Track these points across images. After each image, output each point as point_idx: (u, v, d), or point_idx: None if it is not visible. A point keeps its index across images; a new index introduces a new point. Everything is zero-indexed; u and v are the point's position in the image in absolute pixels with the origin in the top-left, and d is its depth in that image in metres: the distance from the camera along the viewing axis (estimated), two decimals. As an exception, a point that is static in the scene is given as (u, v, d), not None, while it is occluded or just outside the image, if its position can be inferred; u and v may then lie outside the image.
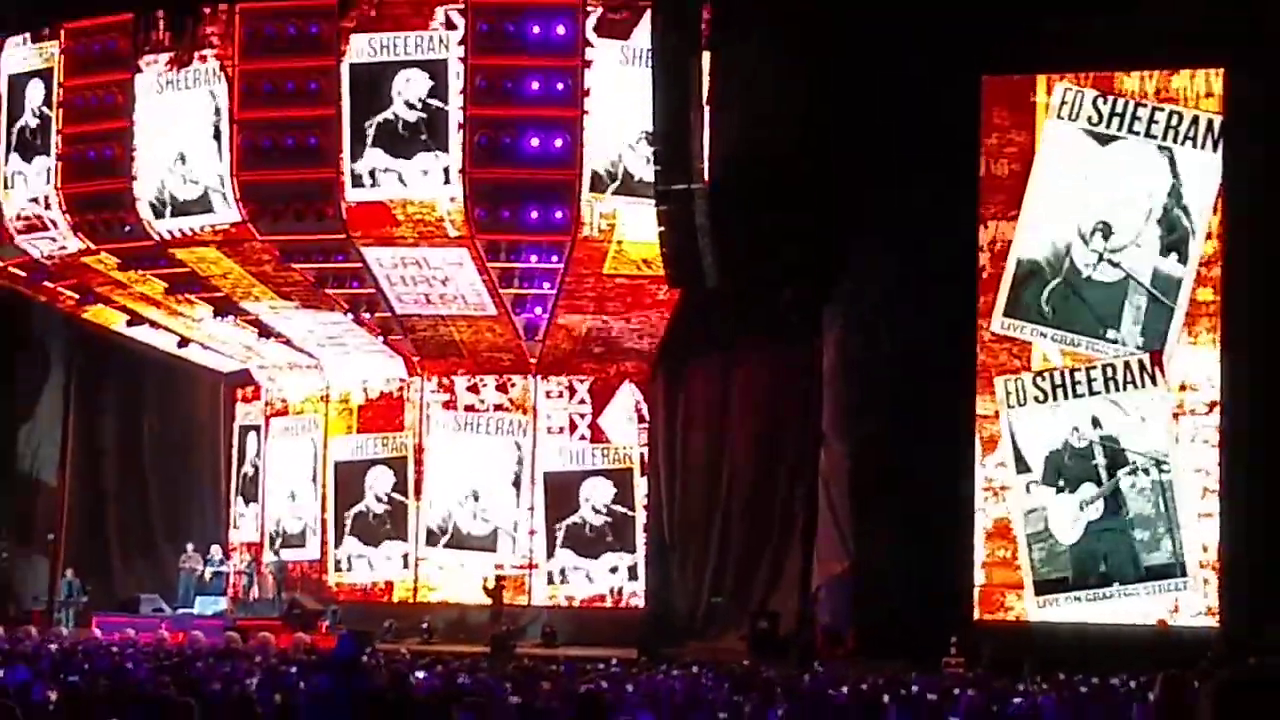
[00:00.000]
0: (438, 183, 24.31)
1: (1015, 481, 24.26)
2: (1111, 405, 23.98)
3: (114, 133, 25.73)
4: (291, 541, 30.02)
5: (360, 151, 24.38)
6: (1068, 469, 24.03)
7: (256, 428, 31.29)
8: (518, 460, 28.63)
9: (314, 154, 24.61)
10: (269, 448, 30.83)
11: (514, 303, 26.70)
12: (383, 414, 29.62)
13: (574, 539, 28.30)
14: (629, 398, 28.70)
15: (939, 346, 24.63)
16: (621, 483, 28.45)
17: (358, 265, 25.80)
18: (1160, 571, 23.59)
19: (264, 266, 26.16)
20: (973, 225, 24.62)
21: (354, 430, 29.81)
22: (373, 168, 24.40)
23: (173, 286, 27.41)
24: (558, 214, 24.57)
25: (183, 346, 30.38)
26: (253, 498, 31.05)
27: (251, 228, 25.07)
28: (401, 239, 25.02)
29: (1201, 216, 23.87)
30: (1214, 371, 23.69)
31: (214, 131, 24.87)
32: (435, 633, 27.13)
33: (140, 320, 29.35)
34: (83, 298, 28.70)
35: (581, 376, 28.74)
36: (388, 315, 27.19)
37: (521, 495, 28.54)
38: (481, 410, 28.97)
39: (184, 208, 25.23)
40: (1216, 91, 23.90)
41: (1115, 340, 24.01)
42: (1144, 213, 24.05)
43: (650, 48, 23.78)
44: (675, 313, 26.83)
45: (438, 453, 29.10)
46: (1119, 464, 23.81)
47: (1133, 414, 23.94)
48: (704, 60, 23.65)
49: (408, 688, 12.52)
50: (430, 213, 24.55)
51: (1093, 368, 24.07)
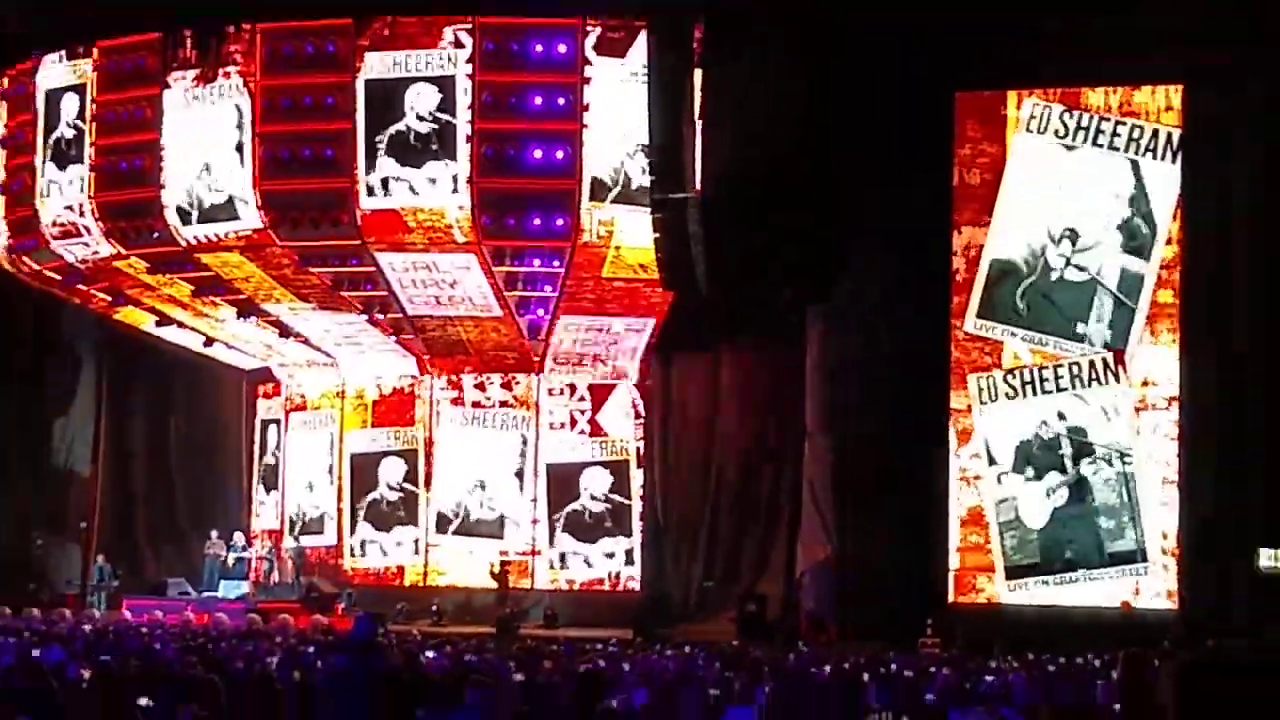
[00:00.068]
0: (446, 191, 24.33)
1: (987, 471, 24.30)
2: (1077, 400, 24.01)
3: (144, 145, 25.76)
4: (310, 529, 30.00)
5: (374, 162, 24.40)
6: (1036, 459, 24.06)
7: (277, 422, 31.26)
8: (521, 453, 28.61)
9: (331, 165, 24.67)
10: (288, 441, 30.81)
11: (518, 304, 26.71)
12: (395, 409, 29.60)
13: (574, 525, 28.29)
14: (626, 395, 28.69)
15: (915, 346, 24.64)
16: (618, 473, 28.43)
17: (372, 269, 25.83)
18: (1123, 557, 23.62)
19: (284, 270, 26.17)
20: (947, 232, 24.62)
21: (368, 424, 29.78)
22: (385, 176, 24.41)
23: (198, 289, 27.43)
24: (559, 221, 24.62)
25: (208, 345, 30.41)
26: (273, 487, 31.03)
27: (272, 234, 25.10)
28: (412, 244, 25.04)
29: (1162, 223, 23.91)
30: (1173, 369, 23.74)
31: (237, 144, 24.88)
32: (444, 615, 27.08)
33: (168, 321, 29.36)
34: (114, 299, 28.72)
35: (582, 376, 28.69)
36: (400, 316, 27.19)
37: (525, 486, 28.52)
38: (488, 406, 28.95)
39: (209, 215, 25.25)
40: (1176, 105, 23.93)
41: (1083, 339, 24.04)
42: (1108, 220, 24.10)
43: (646, 65, 23.81)
44: (669, 314, 26.82)
45: (447, 446, 29.07)
46: (1084, 454, 23.84)
47: (1097, 409, 23.97)
48: (696, 77, 23.70)
49: (419, 667, 12.54)
50: (440, 220, 24.58)
51: (1060, 365, 24.10)
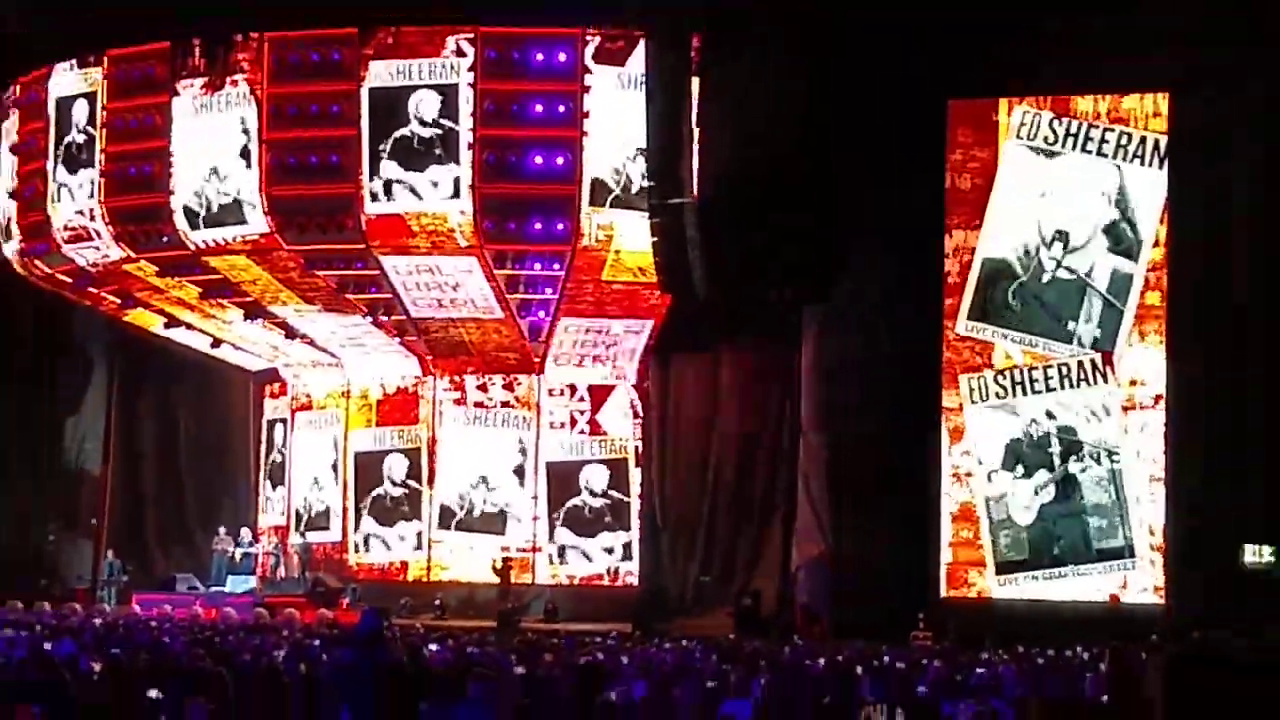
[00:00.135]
0: (449, 196, 24.33)
1: (978, 469, 24.28)
2: (1066, 400, 24.00)
3: (153, 151, 25.77)
4: (315, 525, 30.00)
5: (378, 168, 24.41)
6: (1026, 457, 24.03)
7: (283, 421, 31.27)
8: (522, 452, 28.60)
9: (336, 171, 24.68)
10: (294, 439, 30.81)
11: (519, 307, 26.71)
12: (399, 408, 29.58)
13: (574, 522, 28.28)
14: (625, 395, 28.68)
15: (909, 347, 24.63)
16: (617, 471, 28.43)
17: (376, 272, 25.82)
18: (1111, 553, 23.60)
19: (290, 273, 26.17)
20: (939, 235, 24.62)
21: (372, 423, 29.78)
22: (389, 182, 24.41)
23: (206, 291, 27.43)
24: (559, 225, 24.62)
25: (215, 347, 30.40)
26: (279, 485, 31.04)
27: (279, 238, 25.09)
28: (416, 248, 25.04)
29: (1148, 227, 23.90)
30: (1160, 369, 23.72)
31: (244, 150, 24.88)
32: (447, 609, 27.09)
33: (177, 323, 29.37)
34: (124, 302, 28.70)
35: (582, 376, 28.67)
36: (403, 318, 27.19)
37: (526, 484, 28.51)
38: (489, 406, 28.94)
39: (217, 219, 25.25)
40: (1163, 112, 23.91)
41: (1072, 340, 24.03)
42: (1096, 223, 24.07)
43: (644, 73, 23.82)
44: (667, 316, 26.81)
45: (449, 444, 29.06)
46: (1073, 452, 23.83)
47: (1085, 409, 23.96)
48: (694, 85, 23.69)
49: (422, 660, 12.51)
50: (442, 224, 24.58)
51: (1049, 366, 24.08)
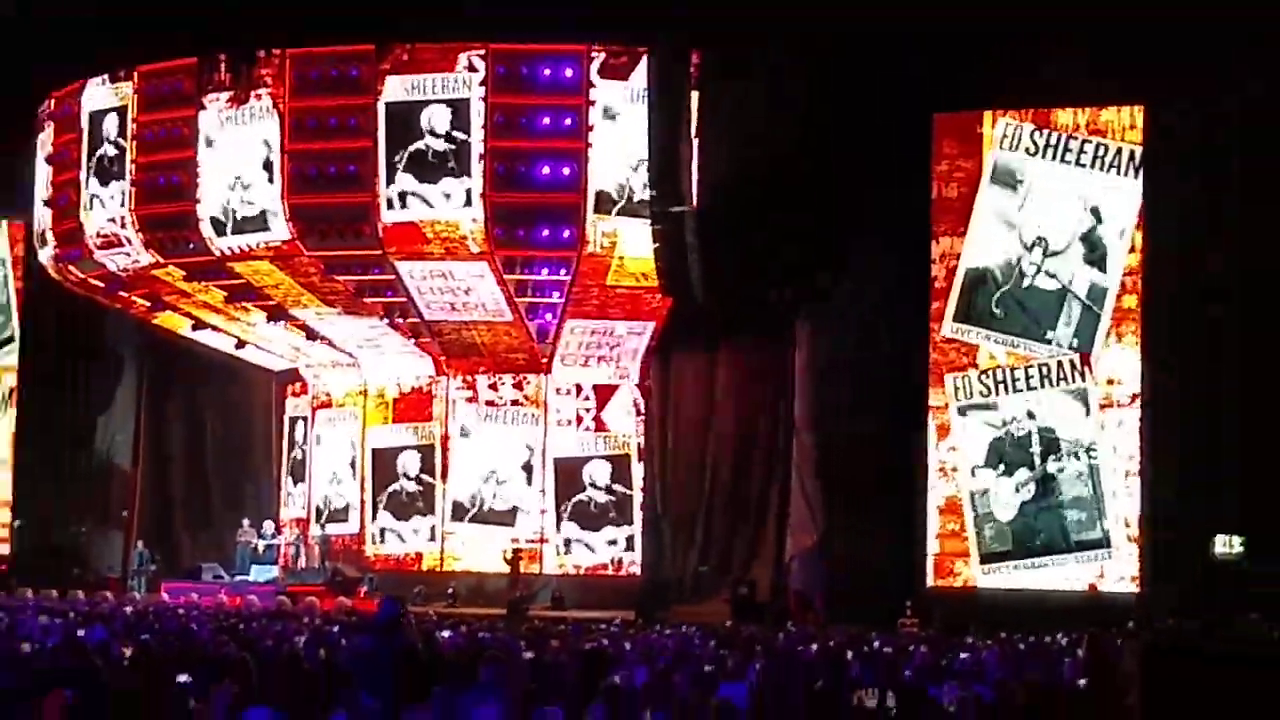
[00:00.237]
0: (461, 205, 24.34)
1: (963, 465, 24.28)
2: (1046, 399, 24.00)
3: (181, 162, 25.78)
4: (334, 517, 29.96)
5: (394, 178, 24.41)
6: (1007, 455, 24.04)
7: (304, 418, 31.23)
8: (530, 448, 28.59)
9: (354, 180, 24.67)
10: (315, 436, 30.77)
11: (528, 310, 26.72)
12: (414, 406, 29.55)
13: (579, 515, 28.27)
14: (628, 394, 28.65)
15: (898, 348, 24.66)
16: (620, 466, 28.41)
17: (392, 277, 25.82)
18: (1089, 544, 23.61)
19: (311, 278, 26.17)
20: (924, 242, 24.64)
21: (389, 421, 29.75)
22: (404, 191, 24.41)
23: (231, 295, 27.43)
24: (566, 233, 24.63)
25: (240, 348, 30.38)
26: (300, 479, 31.00)
27: (300, 244, 25.10)
28: (430, 254, 25.04)
29: (1124, 235, 23.91)
30: (1136, 369, 23.73)
31: (267, 161, 24.89)
32: (459, 598, 27.04)
33: (203, 325, 29.37)
34: (153, 305, 28.71)
35: (587, 376, 28.67)
36: (418, 320, 27.18)
37: (534, 479, 28.50)
38: (500, 404, 28.91)
39: (242, 227, 25.26)
40: (1139, 124, 23.91)
41: (1051, 342, 24.03)
42: (1074, 230, 24.08)
43: (646, 88, 23.82)
44: (668, 318, 26.82)
45: (461, 441, 29.05)
46: (1053, 451, 23.82)
47: (1064, 407, 23.96)
48: (694, 99, 23.71)
49: (435, 645, 12.51)
50: (455, 231, 24.57)
51: (1030, 366, 24.09)
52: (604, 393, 28.60)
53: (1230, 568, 22.16)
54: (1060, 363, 23.96)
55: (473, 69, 24.35)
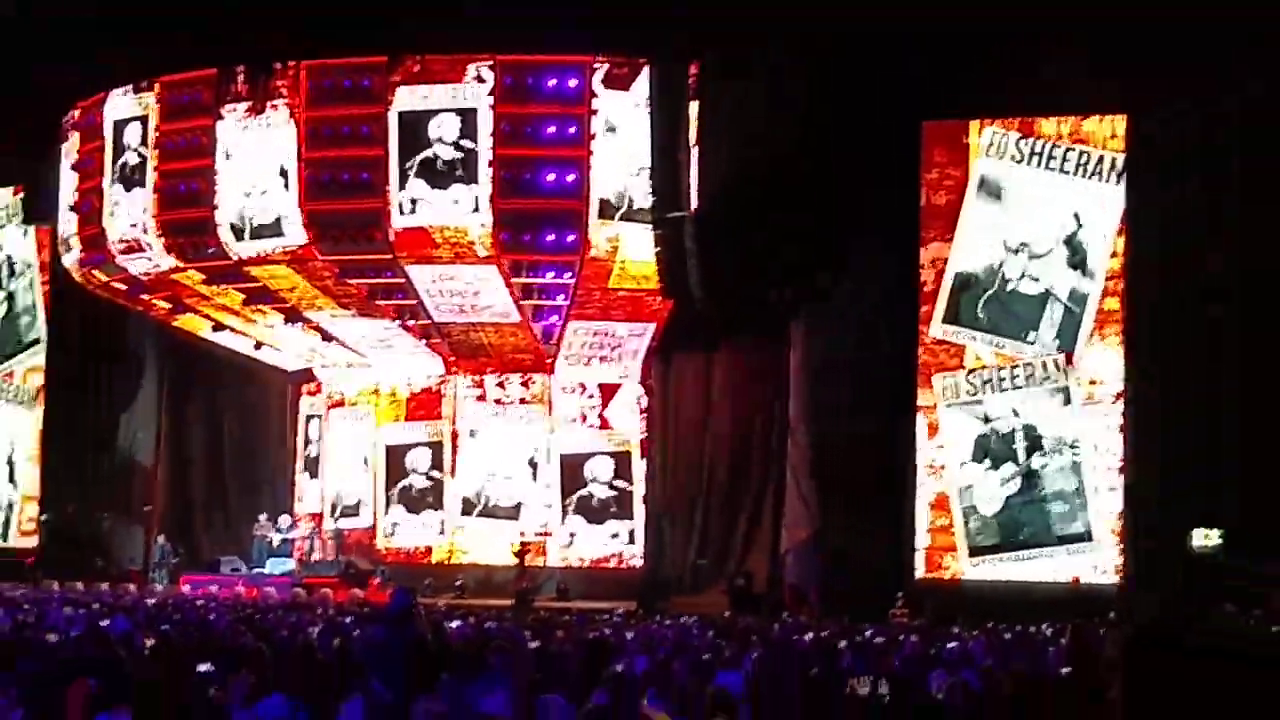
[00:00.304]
0: (469, 211, 24.33)
1: (950, 461, 24.26)
2: (1030, 397, 23.99)
3: (200, 170, 25.76)
4: (347, 512, 29.97)
5: (405, 185, 24.40)
6: (993, 451, 24.02)
7: (319, 416, 31.23)
8: (536, 445, 28.58)
9: (366, 187, 24.66)
10: (329, 433, 30.79)
11: (533, 312, 26.72)
12: (424, 405, 29.57)
13: (583, 509, 28.27)
14: (630, 393, 28.66)
15: (889, 348, 24.64)
16: (622, 463, 28.41)
17: (403, 281, 25.82)
18: (1073, 538, 23.60)
19: (325, 281, 26.17)
20: (915, 247, 24.62)
21: (400, 419, 29.77)
22: (414, 197, 24.41)
23: (249, 298, 27.42)
24: (570, 238, 24.61)
25: (257, 349, 30.38)
26: (315, 475, 31.00)
27: (315, 249, 25.09)
28: (439, 258, 25.03)
29: (1107, 240, 23.89)
30: (1118, 368, 23.72)
31: (283, 168, 24.88)
32: (467, 589, 27.06)
33: (222, 327, 29.37)
34: (174, 308, 28.70)
35: (591, 375, 28.66)
36: (428, 322, 27.18)
37: (540, 474, 28.49)
38: (507, 403, 28.93)
39: (259, 232, 25.24)
40: (1120, 134, 23.89)
41: (1034, 342, 24.02)
42: (1057, 236, 24.07)
43: (647, 97, 23.80)
44: (669, 320, 26.81)
45: (470, 438, 29.04)
46: (1036, 447, 23.81)
47: (1048, 405, 23.96)
48: (693, 108, 23.67)
49: (444, 636, 12.51)
50: (463, 236, 24.57)
51: (1016, 366, 24.08)
52: (607, 392, 28.62)
53: (1208, 561, 22.14)
54: (1044, 362, 23.96)
55: (481, 80, 24.35)
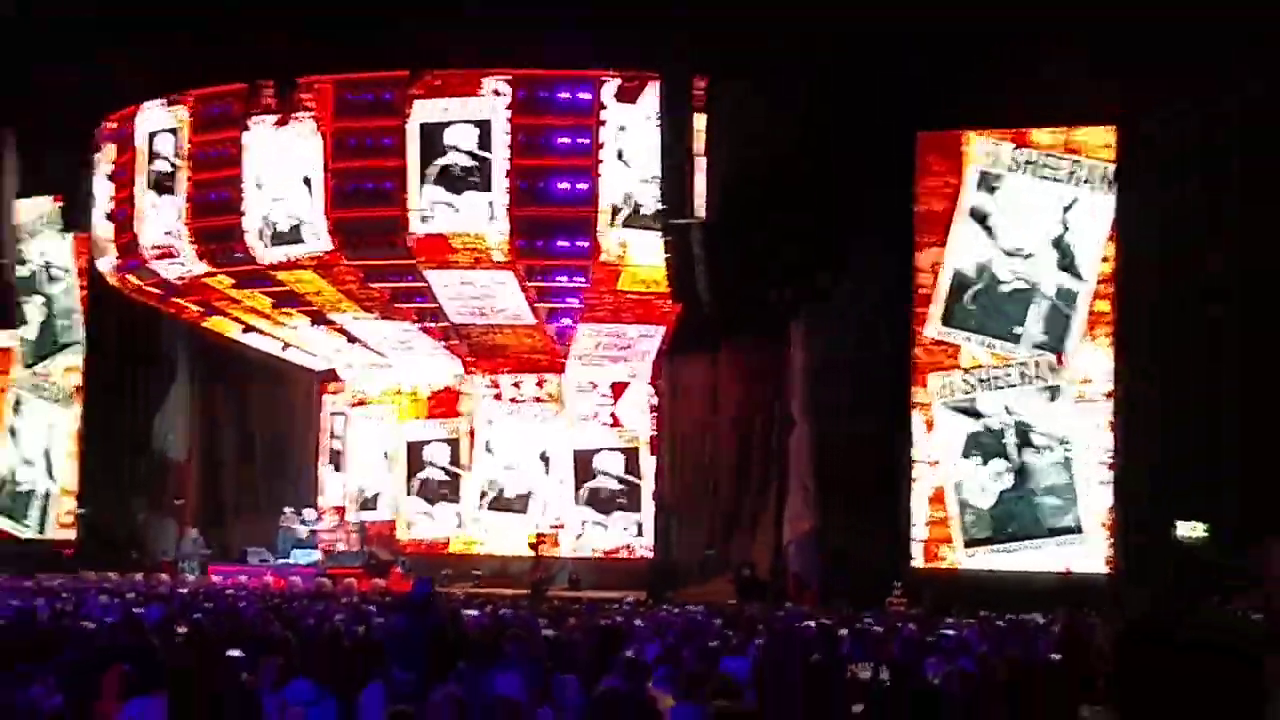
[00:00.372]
0: (486, 218, 24.35)
1: (946, 457, 24.22)
2: (1023, 395, 23.95)
3: (229, 179, 25.78)
4: (370, 505, 30.01)
5: (424, 193, 24.42)
6: (986, 448, 23.98)
7: (343, 414, 31.25)
8: (550, 441, 28.58)
9: (388, 196, 24.68)
10: (352, 431, 30.81)
11: (547, 314, 26.72)
12: (444, 403, 29.58)
13: (594, 502, 28.27)
14: (640, 392, 28.65)
15: (888, 348, 24.62)
16: (632, 458, 28.41)
17: (423, 285, 25.83)
18: (1064, 530, 23.56)
19: (349, 286, 26.19)
20: (911, 252, 24.59)
21: (421, 416, 29.78)
22: (433, 203, 24.43)
23: (277, 301, 27.46)
24: (581, 243, 24.61)
25: (284, 350, 30.43)
26: (339, 470, 31.03)
27: (339, 255, 25.12)
28: (458, 263, 25.04)
29: (1098, 245, 23.85)
30: (1108, 368, 23.67)
31: (308, 178, 24.92)
32: (483, 579, 27.06)
33: (251, 329, 29.41)
34: (205, 311, 28.75)
35: (603, 375, 28.65)
36: (447, 324, 27.20)
37: (553, 469, 28.50)
38: (522, 401, 28.94)
39: (285, 239, 25.28)
40: (1111, 143, 23.83)
41: (1021, 339, 23.99)
42: (1046, 239, 24.03)
43: (656, 110, 23.79)
44: (677, 322, 26.80)
45: (487, 435, 29.06)
46: (1027, 444, 23.77)
47: (1039, 403, 23.91)
48: (698, 120, 23.66)
49: (461, 624, 12.53)
50: (481, 243, 24.59)
51: (1009, 365, 24.04)
52: (619, 390, 28.62)
53: (1194, 552, 22.09)
54: (1037, 362, 23.92)
55: (497, 93, 24.37)
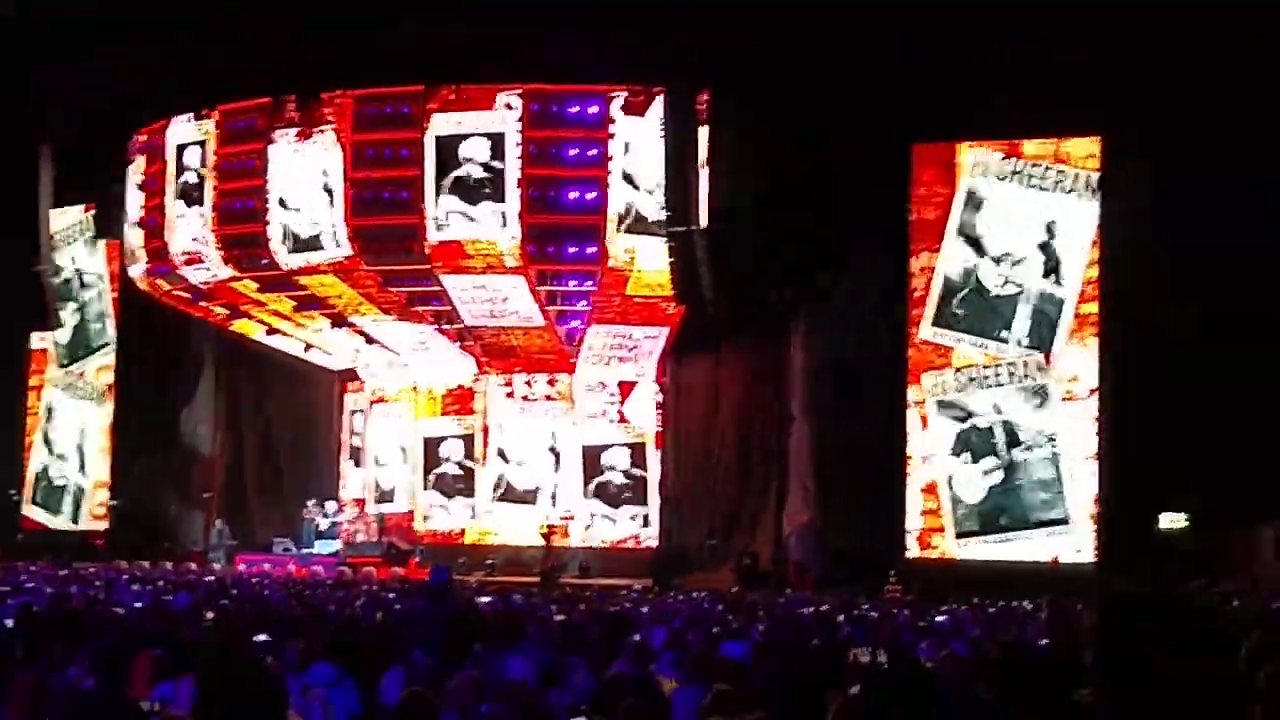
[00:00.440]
0: (499, 226, 24.37)
1: (938, 452, 24.21)
2: (1011, 394, 23.93)
3: (254, 189, 25.82)
4: (388, 497, 30.02)
5: (439, 202, 24.45)
6: (975, 445, 23.96)
7: (361, 412, 31.27)
8: (560, 438, 28.57)
9: (405, 204, 24.71)
10: (371, 427, 30.83)
11: (557, 317, 26.73)
12: (459, 401, 29.58)
13: (603, 495, 28.26)
14: (647, 390, 28.63)
15: (884, 348, 24.60)
16: (638, 453, 28.40)
17: (439, 289, 25.84)
18: (1052, 522, 23.53)
19: (369, 289, 26.22)
20: (905, 257, 24.58)
21: (437, 414, 29.78)
22: (449, 213, 24.45)
23: (299, 304, 27.49)
24: (590, 249, 24.62)
25: (306, 351, 30.45)
26: (359, 464, 31.05)
27: (359, 260, 25.13)
28: (472, 268, 25.06)
29: (1083, 251, 23.84)
30: (1093, 366, 23.65)
31: (329, 187, 24.95)
32: (497, 568, 27.06)
33: (274, 330, 29.44)
34: (231, 313, 28.78)
35: (610, 374, 28.65)
36: (462, 326, 27.21)
37: (563, 464, 28.49)
38: (534, 399, 28.94)
39: (307, 245, 25.31)
40: (1096, 153, 23.79)
41: (1008, 339, 23.98)
42: (1035, 247, 24.02)
43: (662, 123, 23.79)
44: (681, 323, 26.80)
45: (500, 431, 29.06)
46: (1015, 441, 23.74)
47: (1027, 402, 23.89)
48: (702, 132, 23.65)
49: (476, 610, 12.53)
50: (494, 249, 24.60)
51: (999, 365, 24.02)
52: (626, 389, 28.61)
53: (1174, 540, 22.07)
54: (1025, 362, 23.90)
55: (510, 107, 24.40)
